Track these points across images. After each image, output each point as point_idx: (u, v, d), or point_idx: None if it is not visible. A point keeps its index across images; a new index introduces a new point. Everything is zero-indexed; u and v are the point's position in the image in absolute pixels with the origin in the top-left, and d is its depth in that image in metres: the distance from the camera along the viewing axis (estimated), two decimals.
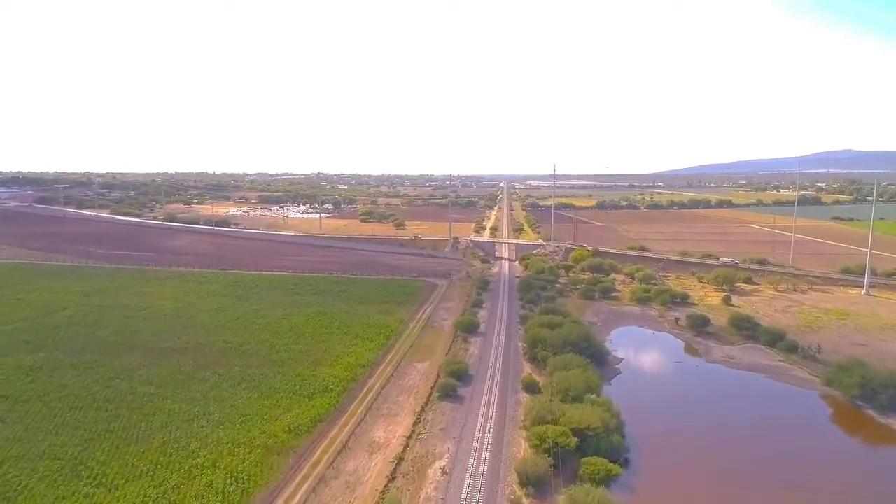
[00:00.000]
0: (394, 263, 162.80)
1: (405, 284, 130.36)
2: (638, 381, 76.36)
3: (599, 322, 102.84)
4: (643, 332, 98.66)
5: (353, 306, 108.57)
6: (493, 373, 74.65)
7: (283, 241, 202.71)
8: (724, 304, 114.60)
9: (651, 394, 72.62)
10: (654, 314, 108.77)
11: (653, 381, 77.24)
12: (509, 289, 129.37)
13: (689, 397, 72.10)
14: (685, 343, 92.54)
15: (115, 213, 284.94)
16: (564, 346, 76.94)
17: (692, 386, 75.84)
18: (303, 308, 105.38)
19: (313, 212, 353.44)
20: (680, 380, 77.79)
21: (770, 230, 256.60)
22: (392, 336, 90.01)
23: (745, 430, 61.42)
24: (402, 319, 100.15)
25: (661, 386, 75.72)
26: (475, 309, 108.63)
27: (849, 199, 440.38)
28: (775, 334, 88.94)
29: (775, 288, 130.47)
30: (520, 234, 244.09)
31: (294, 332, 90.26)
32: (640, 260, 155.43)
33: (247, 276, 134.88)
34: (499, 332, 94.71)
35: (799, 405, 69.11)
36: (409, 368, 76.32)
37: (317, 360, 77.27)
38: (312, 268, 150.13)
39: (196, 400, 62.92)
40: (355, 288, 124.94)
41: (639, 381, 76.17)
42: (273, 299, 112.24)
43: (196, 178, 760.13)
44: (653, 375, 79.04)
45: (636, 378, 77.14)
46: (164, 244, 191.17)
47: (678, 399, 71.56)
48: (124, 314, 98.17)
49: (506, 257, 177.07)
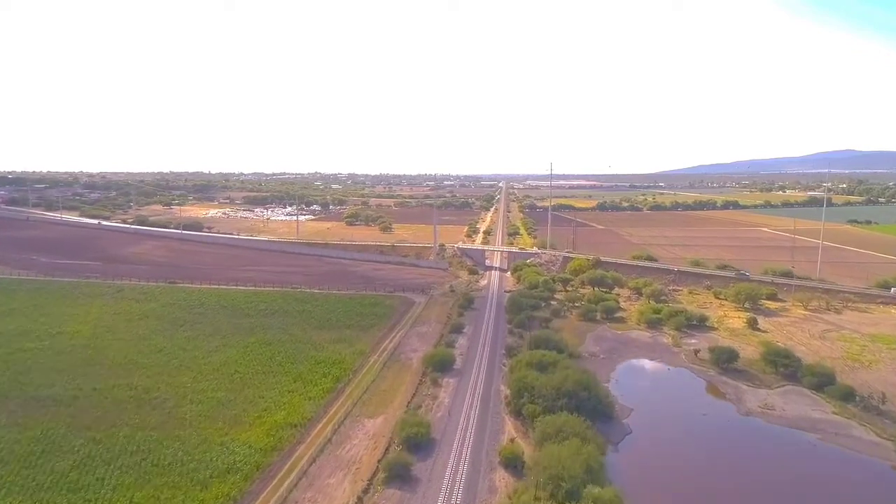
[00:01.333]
0: (370, 274, 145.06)
1: (377, 302, 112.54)
2: (654, 445, 58.55)
3: (602, 354, 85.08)
4: (656, 368, 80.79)
5: (308, 332, 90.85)
6: (464, 436, 56.90)
7: (253, 247, 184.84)
8: (750, 327, 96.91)
9: (672, 468, 54.65)
10: (668, 342, 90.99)
11: (673, 445, 59.27)
12: (497, 307, 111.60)
13: (724, 473, 54.10)
14: (708, 383, 74.82)
15: (85, 215, 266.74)
16: (558, 396, 59.48)
17: (726, 453, 57.79)
18: (245, 336, 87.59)
19: (298, 214, 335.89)
20: (709, 444, 59.92)
21: (783, 234, 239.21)
22: (345, 376, 72.22)
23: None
24: (363, 351, 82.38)
25: (684, 454, 57.67)
26: (454, 335, 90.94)
27: (860, 200, 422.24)
28: (822, 375, 71.26)
29: (805, 306, 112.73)
30: (515, 238, 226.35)
31: (223, 371, 72.48)
32: (647, 271, 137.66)
33: (195, 292, 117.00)
34: (479, 368, 76.94)
35: (872, 486, 51.35)
36: (355, 428, 58.55)
37: (236, 416, 59.56)
38: (276, 280, 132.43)
39: (41, 487, 45.17)
40: (318, 307, 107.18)
41: (655, 447, 58.33)
42: (214, 323, 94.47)
43: (189, 178, 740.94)
44: (673, 436, 61.06)
45: (651, 440, 59.35)
46: (120, 251, 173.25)
47: (709, 475, 53.68)
48: (20, 345, 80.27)
49: (497, 266, 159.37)
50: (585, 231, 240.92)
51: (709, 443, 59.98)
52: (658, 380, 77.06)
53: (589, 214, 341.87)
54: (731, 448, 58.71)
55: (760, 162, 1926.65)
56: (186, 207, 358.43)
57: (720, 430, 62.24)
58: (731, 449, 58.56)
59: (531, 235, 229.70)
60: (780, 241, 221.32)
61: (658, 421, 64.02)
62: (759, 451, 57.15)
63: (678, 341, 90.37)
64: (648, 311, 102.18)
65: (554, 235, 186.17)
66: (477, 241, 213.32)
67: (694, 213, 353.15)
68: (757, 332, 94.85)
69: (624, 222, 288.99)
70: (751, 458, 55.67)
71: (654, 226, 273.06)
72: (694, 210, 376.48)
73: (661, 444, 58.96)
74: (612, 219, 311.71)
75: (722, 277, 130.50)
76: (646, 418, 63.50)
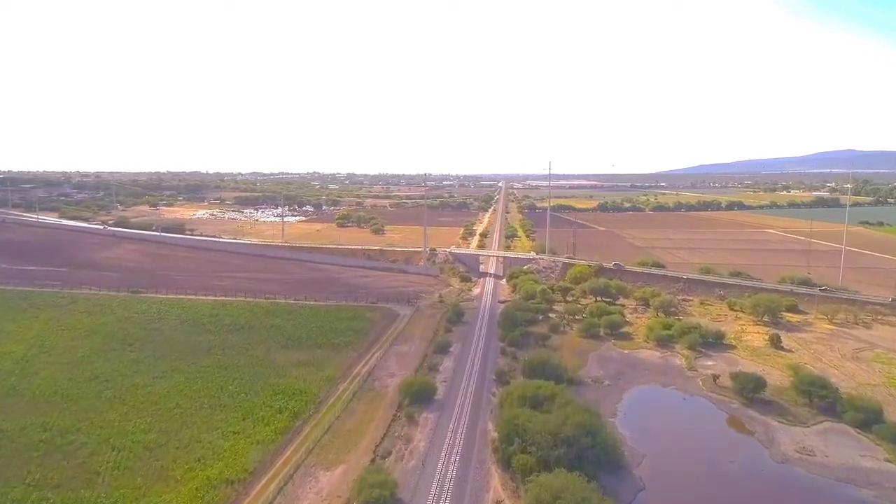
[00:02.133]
0: (354, 282, 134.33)
1: (356, 315, 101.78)
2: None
3: (606, 379, 74.26)
4: (670, 398, 69.93)
5: (273, 353, 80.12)
6: (439, 496, 46.13)
7: (234, 251, 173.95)
8: (773, 346, 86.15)
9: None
10: (681, 363, 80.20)
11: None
12: (489, 321, 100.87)
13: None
14: (731, 416, 64.03)
15: (64, 216, 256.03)
16: (555, 444, 48.78)
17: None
18: (200, 358, 76.85)
19: (288, 214, 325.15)
20: (740, 503, 49.04)
21: (793, 236, 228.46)
22: (305, 411, 61.47)
23: None
24: (332, 377, 71.66)
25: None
26: (438, 356, 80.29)
27: (869, 201, 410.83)
28: (867, 410, 60.43)
29: (830, 319, 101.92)
30: (513, 240, 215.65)
31: (162, 405, 61.76)
32: (654, 279, 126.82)
33: (156, 304, 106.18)
34: (464, 398, 66.16)
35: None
36: (306, 485, 47.77)
37: (163, 468, 48.86)
38: (251, 288, 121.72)
39: None
40: (290, 321, 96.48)
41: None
42: (169, 342, 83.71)
43: (185, 178, 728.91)
44: (695, 493, 50.16)
45: (669, 500, 48.54)
46: (92, 256, 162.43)
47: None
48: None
49: (492, 273, 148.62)
50: (586, 233, 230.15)
51: (740, 501, 49.09)
52: (673, 413, 66.17)
53: (590, 215, 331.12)
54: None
55: (761, 162, 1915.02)
56: (174, 208, 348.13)
57: (751, 482, 51.21)
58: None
59: (530, 238, 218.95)
60: (790, 243, 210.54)
61: (676, 471, 53.10)
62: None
63: (693, 363, 79.59)
64: (658, 327, 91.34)
65: (553, 238, 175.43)
66: (473, 243, 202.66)
67: (698, 214, 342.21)
68: (781, 352, 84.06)
69: (626, 224, 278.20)
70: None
71: (658, 227, 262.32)
72: (698, 211, 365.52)
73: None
74: (613, 220, 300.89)
75: (736, 286, 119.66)
76: (661, 467, 52.63)
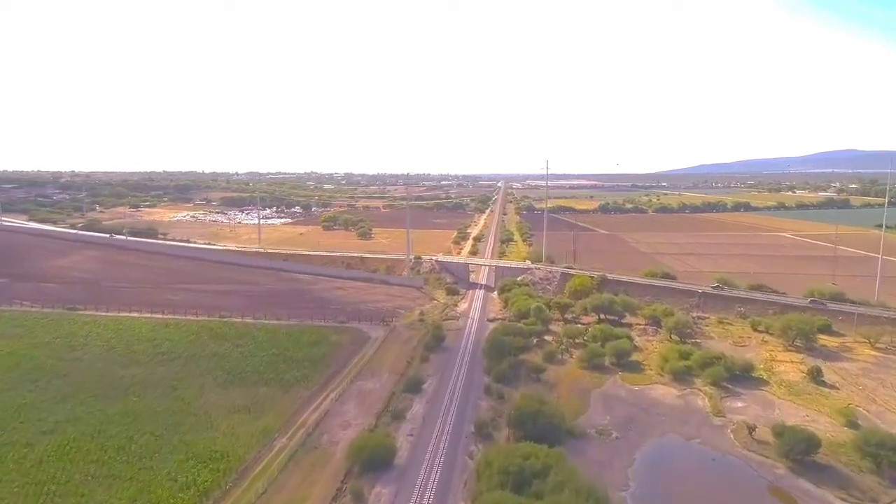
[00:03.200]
0: (327, 295, 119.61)
1: (320, 338, 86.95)
2: None
3: (614, 429, 59.51)
4: (695, 458, 55.15)
5: (206, 393, 65.46)
6: None
7: (202, 258, 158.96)
8: (812, 380, 71.47)
9: None
10: (705, 406, 65.49)
11: None
12: (474, 347, 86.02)
13: None
14: (776, 488, 49.40)
15: (33, 219, 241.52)
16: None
17: None
18: (111, 401, 62.15)
19: (275, 216, 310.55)
20: None
21: (808, 240, 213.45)
22: (219, 486, 46.74)
23: None
24: (270, 429, 56.94)
25: None
26: (408, 397, 65.72)
27: (880, 203, 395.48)
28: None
29: (872, 344, 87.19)
30: (509, 245, 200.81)
31: (31, 475, 47.11)
32: (665, 292, 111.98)
33: (88, 324, 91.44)
34: (432, 464, 51.37)
35: None
36: None
37: None
38: (208, 303, 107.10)
39: None
40: (239, 347, 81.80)
41: None
42: (81, 378, 68.96)
43: (180, 178, 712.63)
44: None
45: None
46: (43, 264, 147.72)
47: None
48: None
49: (482, 284, 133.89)
50: (587, 236, 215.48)
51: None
52: (701, 484, 51.25)
53: (590, 217, 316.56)
54: None
55: (762, 161, 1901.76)
56: (156, 210, 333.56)
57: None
58: None
59: (527, 242, 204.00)
60: (806, 248, 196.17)
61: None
62: None
63: (719, 405, 64.92)
64: (674, 356, 76.53)
65: (552, 242, 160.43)
66: (465, 249, 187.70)
67: (703, 216, 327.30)
68: (823, 389, 69.46)
69: (629, 226, 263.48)
70: None
71: (662, 230, 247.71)
72: (703, 212, 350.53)
73: None
74: (615, 222, 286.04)
75: (760, 301, 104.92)
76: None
